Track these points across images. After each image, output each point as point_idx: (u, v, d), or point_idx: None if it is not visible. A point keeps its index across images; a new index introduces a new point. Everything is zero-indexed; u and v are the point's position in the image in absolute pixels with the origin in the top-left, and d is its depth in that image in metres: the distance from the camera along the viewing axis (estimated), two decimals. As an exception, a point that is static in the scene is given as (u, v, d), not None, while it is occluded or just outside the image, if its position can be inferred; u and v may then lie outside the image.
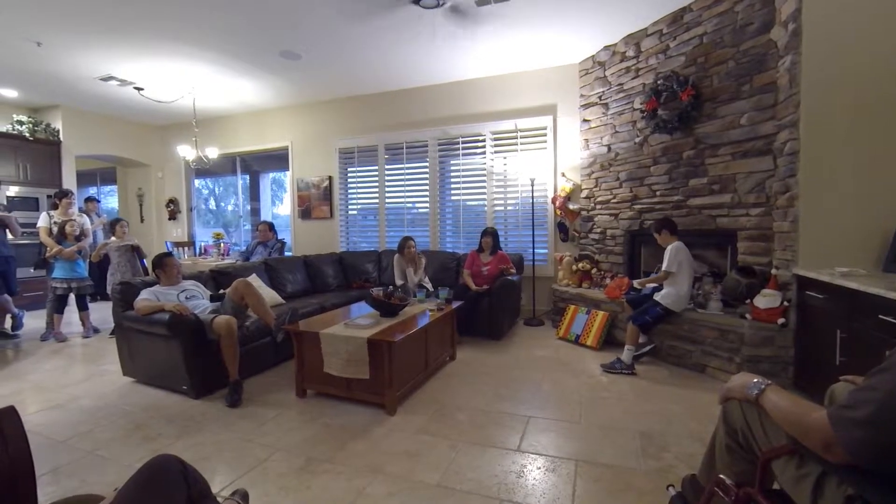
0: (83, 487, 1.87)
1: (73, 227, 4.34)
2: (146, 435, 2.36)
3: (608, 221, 4.43)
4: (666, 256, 3.24)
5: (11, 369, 3.48)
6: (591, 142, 4.61)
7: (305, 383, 2.82)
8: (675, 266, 3.19)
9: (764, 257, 3.14)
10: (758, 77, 3.10)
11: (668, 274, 3.22)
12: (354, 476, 1.94)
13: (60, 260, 4.26)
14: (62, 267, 4.27)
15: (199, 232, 7.58)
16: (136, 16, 3.64)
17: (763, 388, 1.07)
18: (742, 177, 3.24)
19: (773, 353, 2.76)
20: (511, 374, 3.23)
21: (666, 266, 3.22)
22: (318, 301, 4.18)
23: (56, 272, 4.27)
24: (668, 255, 3.22)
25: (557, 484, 1.87)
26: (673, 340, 3.37)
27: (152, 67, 4.77)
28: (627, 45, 4.13)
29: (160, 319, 2.82)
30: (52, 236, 4.34)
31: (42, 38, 4.02)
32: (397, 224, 5.86)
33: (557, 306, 4.53)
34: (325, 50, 4.39)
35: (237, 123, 6.72)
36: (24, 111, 6.13)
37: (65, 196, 4.63)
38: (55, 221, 4.44)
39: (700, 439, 2.20)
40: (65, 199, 4.61)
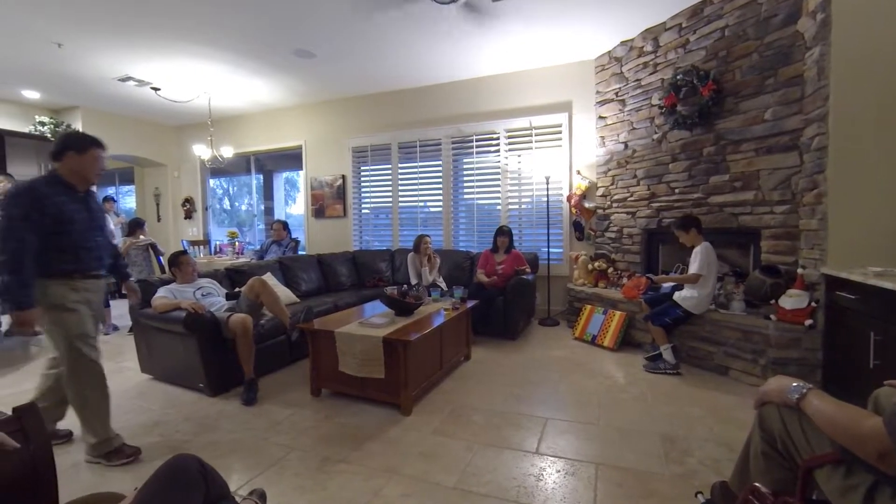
0: (103, 484, 1.88)
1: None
2: (163, 432, 2.38)
3: (625, 220, 4.36)
4: (696, 258, 3.13)
5: (34, 366, 3.54)
6: (607, 139, 4.53)
7: (320, 382, 2.81)
8: (705, 268, 3.10)
9: (789, 256, 3.04)
10: (783, 70, 3.00)
11: (699, 277, 3.12)
12: (370, 476, 1.91)
13: None
14: None
15: (213, 231, 7.66)
16: (154, 16, 3.68)
17: (804, 392, 1.01)
18: (766, 173, 3.15)
19: (800, 356, 2.66)
20: (527, 374, 3.18)
21: (697, 268, 3.11)
22: (332, 300, 4.18)
23: None
24: (700, 257, 3.11)
25: (578, 488, 1.82)
26: (694, 342, 3.29)
27: (169, 68, 4.82)
28: (645, 40, 4.05)
29: (177, 317, 2.84)
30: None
31: (63, 39, 4.09)
32: (410, 223, 5.84)
33: (573, 306, 4.46)
34: (339, 48, 4.38)
35: (251, 123, 6.77)
36: (45, 112, 6.25)
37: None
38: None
39: (725, 444, 2.14)
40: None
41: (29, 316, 1.87)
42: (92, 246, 2.08)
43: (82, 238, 2.03)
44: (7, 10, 3.56)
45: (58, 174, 2.03)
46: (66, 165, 2.02)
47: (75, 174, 2.04)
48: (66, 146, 2.02)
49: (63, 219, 1.95)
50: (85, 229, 2.04)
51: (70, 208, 1.98)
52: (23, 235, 1.84)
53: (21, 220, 1.84)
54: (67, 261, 1.99)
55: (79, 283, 2.03)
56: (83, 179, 2.08)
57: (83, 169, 2.05)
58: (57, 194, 1.96)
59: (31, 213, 1.86)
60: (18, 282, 1.84)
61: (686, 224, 3.22)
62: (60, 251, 1.96)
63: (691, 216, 3.30)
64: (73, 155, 2.02)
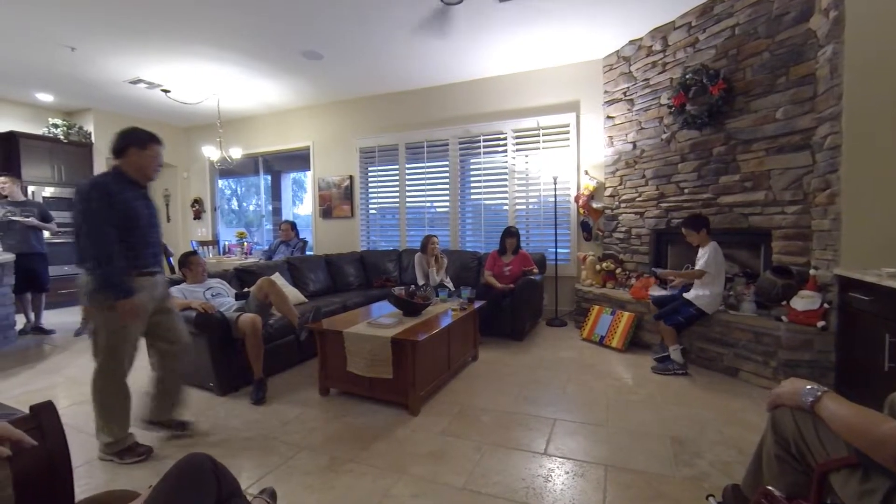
0: (115, 481, 1.90)
1: None
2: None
3: (633, 220, 4.33)
4: (703, 256, 3.11)
5: (47, 364, 3.60)
6: (615, 139, 4.50)
7: (328, 382, 2.82)
8: (712, 267, 3.07)
9: (801, 257, 3.00)
10: (795, 69, 2.97)
11: (703, 274, 3.09)
12: (379, 476, 1.92)
13: None
14: None
15: (222, 231, 7.73)
16: (164, 19, 3.72)
17: (819, 395, 1.00)
18: (777, 173, 3.11)
19: (812, 358, 2.63)
20: (535, 375, 3.18)
21: (703, 265, 3.09)
22: (339, 300, 4.20)
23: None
24: (707, 255, 3.09)
25: (587, 490, 1.81)
26: (704, 343, 3.26)
27: (178, 70, 4.87)
28: (654, 39, 4.02)
29: (188, 317, 2.86)
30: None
31: (76, 43, 4.15)
32: (417, 223, 5.84)
33: (581, 307, 4.44)
34: (347, 49, 4.40)
35: (260, 124, 6.82)
36: (58, 115, 6.35)
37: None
38: None
39: (736, 446, 2.12)
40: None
41: (132, 304, 1.93)
42: (152, 242, 2.11)
43: (145, 234, 2.05)
44: (22, 15, 3.62)
45: (121, 170, 2.04)
46: (128, 161, 2.04)
47: (136, 170, 2.06)
48: (128, 142, 2.03)
49: (130, 214, 1.97)
50: (147, 225, 2.06)
51: (136, 204, 2.01)
52: (104, 228, 1.88)
53: (100, 213, 1.87)
54: (130, 257, 1.99)
55: (135, 280, 2.03)
56: (144, 175, 2.10)
57: (144, 165, 2.07)
58: (123, 191, 1.97)
59: (104, 207, 1.88)
60: (115, 270, 1.89)
61: (695, 224, 3.19)
62: (125, 248, 1.96)
63: (700, 216, 3.27)
64: (136, 151, 2.04)
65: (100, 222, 1.87)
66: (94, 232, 1.87)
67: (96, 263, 1.88)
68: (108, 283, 1.89)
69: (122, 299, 1.91)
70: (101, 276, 1.89)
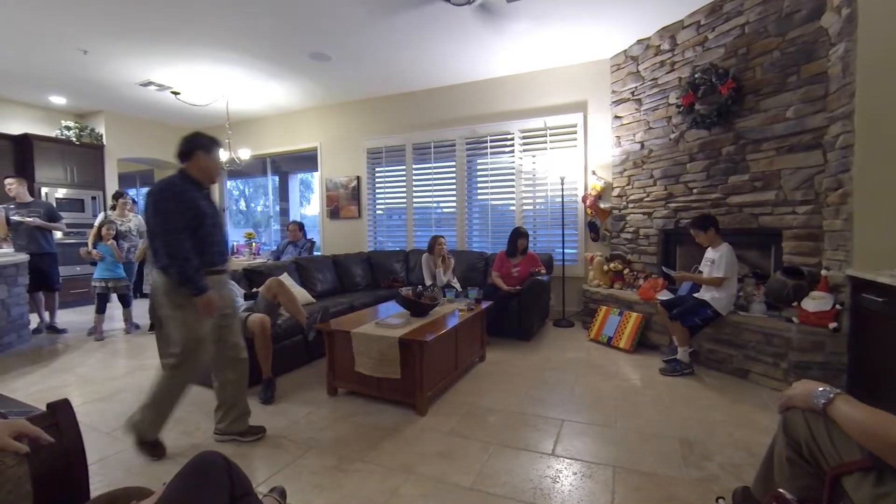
0: (128, 478, 1.93)
1: (111, 229, 4.43)
2: (185, 429, 2.42)
3: (641, 220, 4.31)
4: (721, 261, 3.06)
5: (60, 362, 3.65)
6: (623, 139, 4.48)
7: (336, 382, 2.84)
8: (730, 271, 3.05)
9: (812, 258, 2.97)
10: (806, 67, 2.94)
11: (722, 281, 3.05)
12: (387, 476, 1.93)
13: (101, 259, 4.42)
14: (101, 267, 4.40)
15: (231, 232, 7.79)
16: (174, 22, 3.77)
17: (831, 397, 0.99)
18: (788, 173, 3.08)
19: (824, 360, 2.60)
20: (542, 375, 3.17)
21: (723, 272, 3.04)
22: (347, 300, 4.22)
23: (95, 272, 4.43)
24: (724, 260, 3.04)
25: (595, 491, 1.81)
26: (713, 344, 3.23)
27: (188, 72, 4.93)
28: (662, 39, 4.00)
29: (197, 316, 2.89)
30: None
31: (88, 46, 4.21)
32: (424, 224, 5.86)
33: (588, 307, 4.43)
34: (354, 50, 4.42)
35: (268, 125, 6.87)
36: (70, 117, 6.45)
37: (120, 196, 4.86)
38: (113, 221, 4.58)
39: (746, 449, 2.10)
40: (121, 200, 4.84)
41: (209, 299, 1.99)
42: (217, 241, 2.16)
43: (210, 233, 2.10)
44: (37, 20, 3.69)
45: (187, 173, 2.11)
46: (195, 164, 2.11)
47: (202, 172, 2.13)
48: (195, 146, 2.11)
49: (197, 214, 2.02)
50: (212, 224, 2.11)
51: (201, 204, 2.06)
52: (178, 227, 1.95)
53: (173, 214, 1.95)
54: (197, 255, 2.03)
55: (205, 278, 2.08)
56: (209, 177, 2.17)
57: (210, 167, 2.15)
58: (191, 191, 2.05)
59: (176, 207, 1.96)
60: (189, 268, 1.95)
61: (704, 224, 3.16)
62: (193, 246, 2.01)
63: (709, 216, 3.24)
64: (202, 154, 2.11)
65: (173, 222, 1.94)
66: (169, 231, 1.93)
67: (172, 261, 1.93)
68: (184, 279, 1.95)
69: (199, 295, 1.97)
70: (176, 273, 1.95)
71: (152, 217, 1.97)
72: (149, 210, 1.98)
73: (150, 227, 1.98)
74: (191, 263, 1.95)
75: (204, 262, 2.07)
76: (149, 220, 1.99)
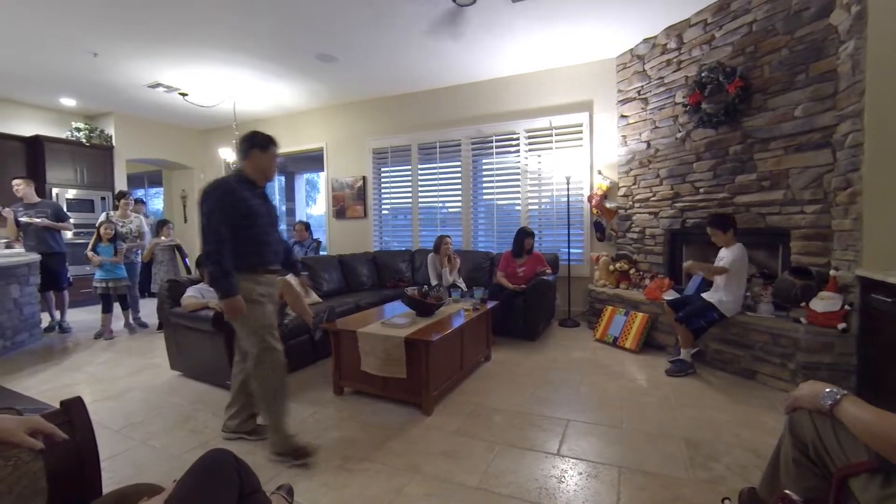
0: (138, 475, 1.96)
1: (109, 229, 4.40)
2: (193, 427, 2.45)
3: (647, 220, 4.29)
4: (730, 255, 3.04)
5: (70, 361, 3.71)
6: (629, 138, 4.47)
7: (342, 381, 2.86)
8: (736, 266, 3.02)
9: (821, 257, 2.94)
10: (815, 65, 2.91)
11: (725, 271, 3.02)
12: (393, 475, 1.94)
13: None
14: (103, 268, 4.40)
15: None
16: (183, 24, 3.80)
17: (839, 398, 0.99)
18: (796, 172, 3.06)
19: (832, 361, 2.58)
20: (547, 375, 3.17)
21: (729, 264, 3.02)
22: (353, 300, 4.24)
23: (97, 273, 4.43)
24: (734, 256, 3.02)
25: (601, 491, 1.81)
26: (719, 344, 3.22)
27: (196, 73, 4.97)
28: (668, 37, 3.97)
29: (205, 316, 2.93)
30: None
31: (98, 49, 4.27)
32: (430, 224, 5.87)
33: (594, 307, 4.42)
34: (360, 51, 4.44)
35: (274, 125, 6.91)
36: (81, 119, 6.53)
37: (122, 197, 4.88)
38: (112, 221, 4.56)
39: (753, 450, 2.09)
40: (122, 200, 4.86)
41: (236, 303, 1.98)
42: (271, 240, 2.17)
43: (264, 233, 2.11)
44: (48, 23, 3.74)
45: (243, 172, 2.13)
46: (251, 163, 2.13)
47: (258, 170, 2.15)
48: (252, 144, 2.12)
49: (250, 213, 2.04)
50: (266, 224, 2.13)
51: (254, 203, 2.08)
52: (219, 228, 1.96)
53: (217, 213, 1.96)
54: (252, 254, 2.07)
55: (261, 276, 2.11)
56: (264, 176, 2.18)
57: (266, 166, 2.16)
58: (243, 190, 2.06)
59: (224, 207, 1.97)
60: (222, 271, 1.96)
61: (723, 223, 3.09)
62: (247, 245, 2.04)
63: (728, 215, 3.18)
64: (258, 153, 2.13)
65: (216, 222, 1.96)
66: (211, 231, 1.96)
67: (207, 260, 1.99)
68: (213, 280, 2.00)
69: (225, 298, 1.98)
70: (210, 273, 2.00)
71: (199, 215, 2.01)
72: (199, 209, 2.02)
73: (200, 225, 2.02)
74: (222, 266, 1.96)
75: (261, 261, 2.10)
76: (199, 220, 2.02)
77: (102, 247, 4.40)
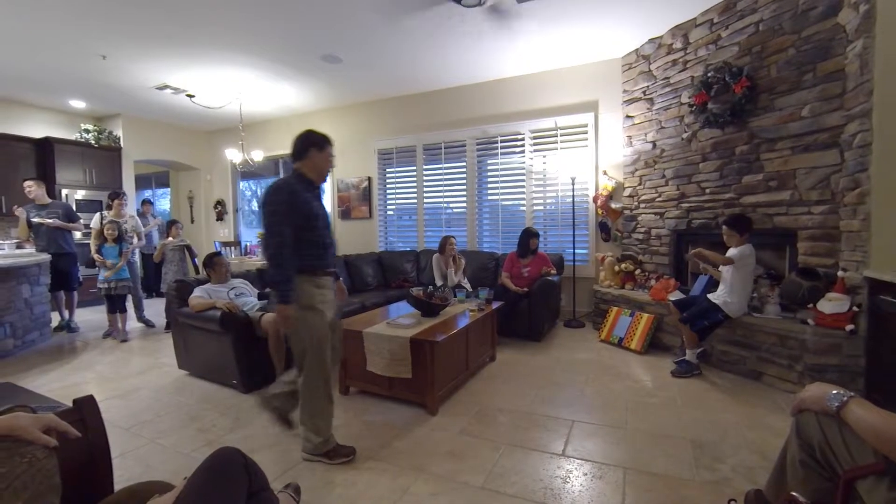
0: (147, 473, 1.98)
1: (112, 229, 4.39)
2: (201, 426, 2.48)
3: (653, 221, 4.27)
4: (738, 253, 3.00)
5: (79, 360, 3.75)
6: (634, 138, 4.45)
7: (348, 381, 2.87)
8: (741, 264, 2.99)
9: (828, 258, 2.92)
10: (822, 65, 2.89)
11: (731, 262, 2.99)
12: (398, 474, 1.95)
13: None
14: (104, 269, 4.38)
15: (243, 232, 7.90)
16: (189, 26, 3.84)
17: (845, 400, 0.99)
18: (803, 172, 3.04)
19: (840, 362, 2.56)
20: (552, 376, 3.17)
21: (734, 255, 2.99)
22: (358, 300, 4.26)
23: (100, 273, 4.40)
24: (742, 253, 2.99)
25: (605, 491, 1.81)
26: (725, 345, 3.20)
27: (202, 75, 5.01)
28: (674, 37, 3.96)
29: (213, 316, 2.96)
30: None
31: (107, 51, 4.31)
32: (435, 224, 5.88)
33: (599, 308, 4.41)
34: (366, 52, 4.46)
35: (280, 126, 6.95)
36: (90, 120, 6.60)
37: (117, 197, 4.75)
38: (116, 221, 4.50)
39: (759, 451, 2.08)
40: (116, 200, 4.73)
41: (288, 311, 1.94)
42: (329, 242, 2.14)
43: (323, 234, 2.08)
44: (57, 26, 3.79)
45: (300, 172, 2.09)
46: (309, 162, 2.09)
47: (316, 170, 2.12)
48: (310, 144, 2.09)
49: (311, 215, 2.01)
50: (324, 226, 2.10)
51: (314, 204, 2.06)
52: (282, 230, 1.92)
53: (280, 216, 1.92)
54: (313, 256, 2.04)
55: (321, 279, 2.08)
56: (321, 175, 2.16)
57: (322, 165, 2.13)
58: (304, 191, 2.03)
59: (286, 209, 1.93)
60: (282, 275, 1.92)
61: (742, 226, 3.05)
62: (308, 247, 2.01)
63: (748, 217, 3.15)
64: (316, 152, 2.09)
65: (279, 224, 1.92)
66: (273, 233, 1.93)
67: (268, 262, 1.95)
68: (273, 283, 1.97)
69: (281, 303, 1.93)
70: (270, 276, 1.98)
71: (262, 216, 1.98)
72: (260, 210, 1.99)
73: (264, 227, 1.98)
74: (283, 271, 1.92)
75: (322, 263, 2.08)
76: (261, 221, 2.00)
77: (108, 248, 4.39)
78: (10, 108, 5.93)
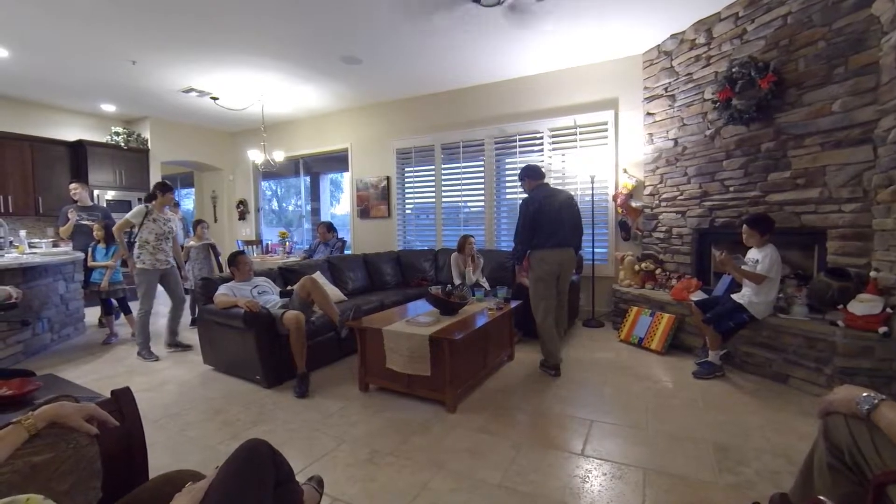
0: (176, 463, 2.04)
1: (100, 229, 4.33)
2: (226, 419, 2.56)
3: (674, 219, 4.20)
4: (765, 260, 2.94)
5: (111, 354, 3.91)
6: (655, 136, 4.38)
7: (368, 378, 2.92)
8: (774, 272, 2.93)
9: (860, 258, 2.83)
10: (854, 58, 2.79)
11: (764, 279, 2.93)
12: (418, 470, 1.98)
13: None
14: (99, 271, 4.31)
15: (264, 231, 8.07)
16: (214, 32, 3.94)
17: (876, 403, 0.96)
18: (833, 169, 2.94)
19: (872, 366, 2.47)
20: (571, 375, 3.15)
21: (766, 270, 2.92)
22: (377, 298, 4.31)
23: (94, 276, 4.33)
24: (769, 259, 2.92)
25: (625, 492, 1.80)
26: (750, 347, 3.13)
27: (226, 78, 5.14)
28: (697, 32, 3.88)
29: (237, 313, 3.04)
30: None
31: (136, 57, 4.47)
32: (453, 223, 5.89)
33: (619, 307, 4.36)
34: (385, 53, 4.50)
35: (300, 127, 7.07)
36: (119, 123, 6.84)
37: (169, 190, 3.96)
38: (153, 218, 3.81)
39: (784, 455, 2.03)
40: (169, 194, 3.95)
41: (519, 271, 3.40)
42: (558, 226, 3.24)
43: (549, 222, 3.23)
44: (90, 33, 3.94)
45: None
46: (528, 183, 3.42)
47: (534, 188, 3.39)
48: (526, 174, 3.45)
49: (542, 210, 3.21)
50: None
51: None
52: (525, 223, 3.20)
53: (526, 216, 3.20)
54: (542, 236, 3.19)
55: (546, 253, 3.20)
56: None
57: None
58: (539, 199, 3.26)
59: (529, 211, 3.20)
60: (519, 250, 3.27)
61: (765, 227, 2.99)
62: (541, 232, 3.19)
63: (769, 218, 3.07)
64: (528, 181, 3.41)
65: (522, 219, 3.22)
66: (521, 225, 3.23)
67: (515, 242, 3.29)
68: (514, 253, 3.32)
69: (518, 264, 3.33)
70: (514, 250, 3.32)
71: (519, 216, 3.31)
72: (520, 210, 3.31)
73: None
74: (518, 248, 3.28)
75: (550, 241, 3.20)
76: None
77: (99, 249, 4.33)
78: (46, 112, 6.19)
